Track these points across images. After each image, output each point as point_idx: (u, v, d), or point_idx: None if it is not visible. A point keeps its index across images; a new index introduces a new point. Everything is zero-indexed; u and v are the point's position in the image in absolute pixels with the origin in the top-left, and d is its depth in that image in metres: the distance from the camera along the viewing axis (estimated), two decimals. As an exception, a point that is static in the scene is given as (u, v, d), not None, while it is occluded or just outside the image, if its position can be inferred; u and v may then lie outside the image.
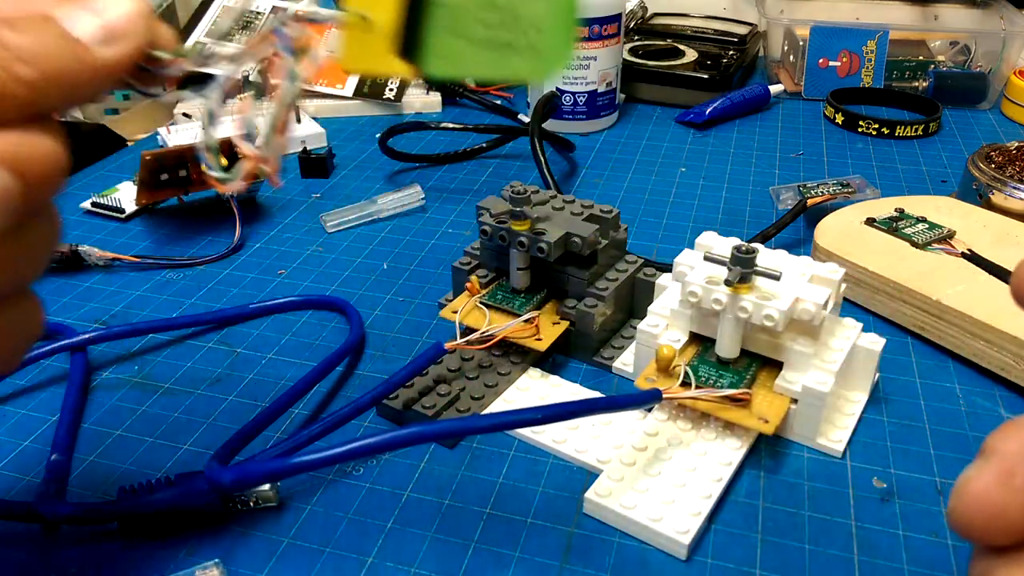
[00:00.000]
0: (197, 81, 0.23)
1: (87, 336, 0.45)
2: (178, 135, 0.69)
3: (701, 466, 0.36)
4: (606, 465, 0.37)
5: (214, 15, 0.87)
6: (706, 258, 0.39)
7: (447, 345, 0.40)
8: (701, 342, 0.41)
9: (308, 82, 0.22)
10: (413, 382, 0.41)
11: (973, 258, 0.49)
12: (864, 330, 0.41)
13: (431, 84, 0.82)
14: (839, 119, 0.76)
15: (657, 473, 0.36)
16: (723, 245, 0.42)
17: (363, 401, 0.38)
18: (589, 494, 0.35)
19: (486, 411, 0.40)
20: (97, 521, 0.34)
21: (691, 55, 0.85)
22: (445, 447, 0.39)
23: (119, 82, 0.23)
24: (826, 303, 0.38)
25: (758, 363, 0.40)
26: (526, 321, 0.42)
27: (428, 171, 0.68)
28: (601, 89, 0.74)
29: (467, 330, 0.43)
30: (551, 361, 0.45)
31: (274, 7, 0.88)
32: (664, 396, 0.37)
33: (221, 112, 0.24)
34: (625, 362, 0.44)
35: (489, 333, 0.41)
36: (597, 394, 0.41)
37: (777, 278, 0.36)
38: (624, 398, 0.36)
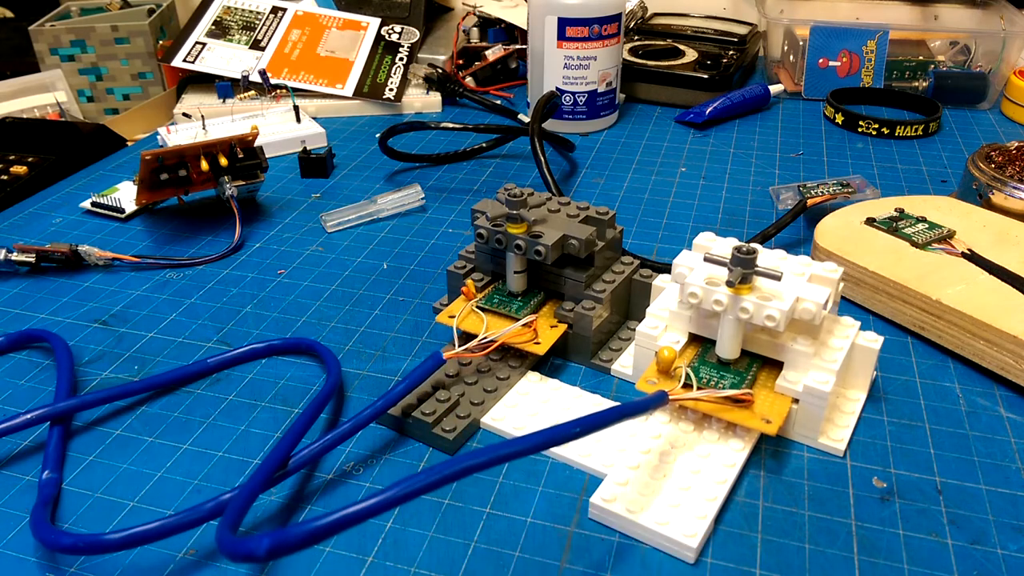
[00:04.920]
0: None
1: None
2: (178, 135, 0.69)
3: (705, 468, 0.36)
4: (610, 469, 0.37)
5: (214, 15, 0.87)
6: (706, 259, 0.39)
7: (445, 356, 0.40)
8: (701, 343, 0.41)
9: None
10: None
11: (973, 258, 0.49)
12: (863, 329, 0.41)
13: (431, 84, 0.82)
14: (839, 119, 0.76)
15: (662, 476, 0.36)
16: (721, 245, 0.42)
17: (363, 417, 0.38)
18: (594, 499, 0.35)
19: (486, 417, 0.40)
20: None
21: (691, 55, 0.85)
22: (447, 454, 0.39)
23: None
24: (826, 302, 0.38)
25: (759, 363, 0.40)
26: (524, 325, 0.42)
27: (428, 171, 0.68)
28: (601, 89, 0.74)
29: (464, 335, 0.42)
30: (549, 364, 0.45)
31: (273, 7, 0.88)
32: (670, 398, 0.36)
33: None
34: (624, 364, 0.44)
35: (488, 339, 0.41)
36: (599, 398, 0.41)
37: (778, 278, 0.36)
38: (633, 405, 0.35)
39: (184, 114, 0.77)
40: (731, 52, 0.86)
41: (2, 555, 0.34)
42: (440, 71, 0.82)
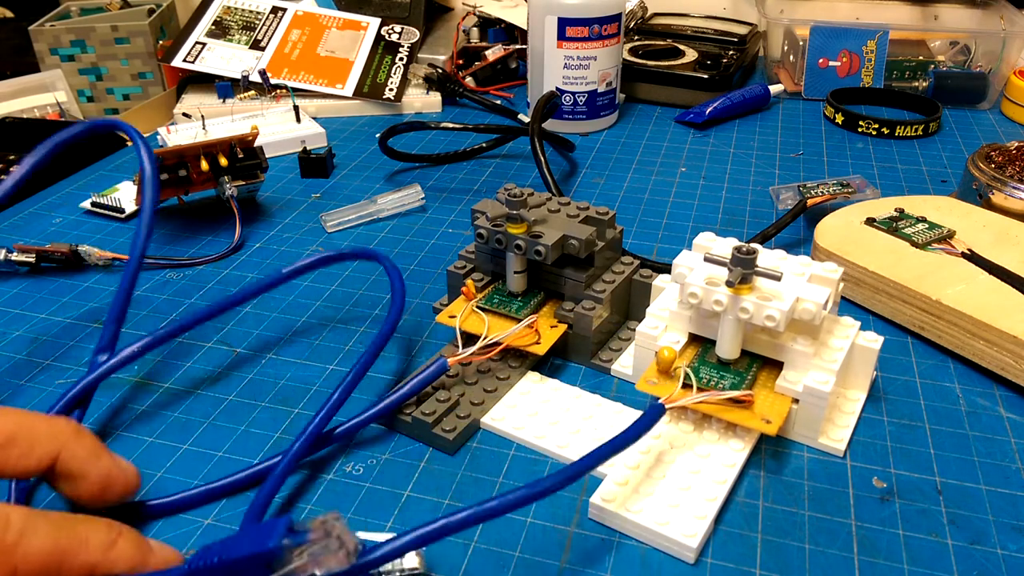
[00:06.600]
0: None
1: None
2: (178, 135, 0.69)
3: (705, 468, 0.36)
4: (610, 469, 0.37)
5: (214, 15, 0.87)
6: (706, 259, 0.39)
7: (450, 362, 0.40)
8: (701, 343, 0.41)
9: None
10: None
11: (973, 258, 0.49)
12: (863, 329, 0.41)
13: (431, 84, 0.82)
14: (839, 119, 0.76)
15: (661, 476, 0.36)
16: (721, 245, 0.42)
17: (363, 419, 0.38)
18: (594, 499, 0.35)
19: (486, 417, 0.40)
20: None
21: (691, 55, 0.85)
22: (447, 454, 0.39)
23: None
24: (826, 302, 0.38)
25: (758, 363, 0.40)
26: (527, 327, 0.42)
27: (428, 171, 0.68)
28: (601, 89, 0.74)
29: (465, 335, 0.42)
30: (549, 364, 0.45)
31: (273, 7, 0.88)
32: (667, 406, 0.36)
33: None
34: (624, 364, 0.44)
35: (492, 342, 0.41)
36: (599, 398, 0.41)
37: (778, 278, 0.36)
38: (635, 429, 0.34)
39: (184, 114, 0.77)
40: (731, 52, 0.86)
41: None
42: (440, 71, 0.83)
